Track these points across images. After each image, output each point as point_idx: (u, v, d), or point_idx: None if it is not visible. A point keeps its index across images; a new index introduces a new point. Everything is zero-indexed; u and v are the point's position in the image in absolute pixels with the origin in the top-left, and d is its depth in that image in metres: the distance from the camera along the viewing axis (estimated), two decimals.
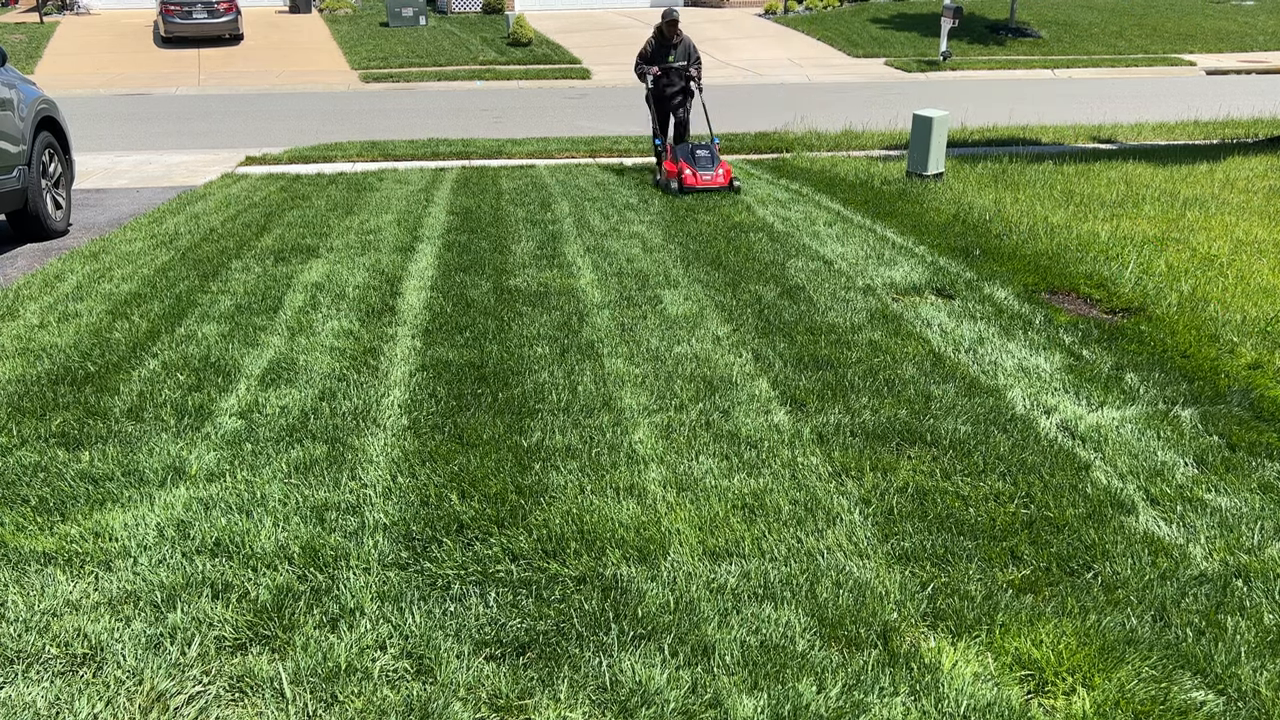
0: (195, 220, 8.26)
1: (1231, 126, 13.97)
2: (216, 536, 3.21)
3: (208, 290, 6.10)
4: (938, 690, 2.52)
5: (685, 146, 9.58)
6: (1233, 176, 9.54)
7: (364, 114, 16.98)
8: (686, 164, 9.24)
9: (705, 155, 9.39)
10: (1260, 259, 6.55)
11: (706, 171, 9.21)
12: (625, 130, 14.43)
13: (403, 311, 5.65)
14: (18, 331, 5.35)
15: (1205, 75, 22.64)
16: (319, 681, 2.55)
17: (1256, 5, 31.25)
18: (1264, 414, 4.21)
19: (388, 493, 3.52)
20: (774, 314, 5.56)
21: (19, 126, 7.42)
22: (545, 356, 4.89)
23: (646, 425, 4.09)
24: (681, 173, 9.18)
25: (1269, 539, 3.25)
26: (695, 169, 9.20)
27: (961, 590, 2.94)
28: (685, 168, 9.20)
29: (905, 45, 25.26)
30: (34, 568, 3.05)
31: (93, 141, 13.18)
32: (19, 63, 21.54)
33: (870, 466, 3.71)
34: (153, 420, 4.15)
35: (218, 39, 25.42)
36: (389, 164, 11.50)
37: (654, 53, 9.70)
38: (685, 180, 9.11)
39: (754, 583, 2.98)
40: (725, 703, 2.48)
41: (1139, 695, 2.50)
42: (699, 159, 9.34)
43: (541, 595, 2.91)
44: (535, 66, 22.85)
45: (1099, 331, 5.28)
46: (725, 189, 9.20)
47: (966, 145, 12.29)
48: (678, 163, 9.35)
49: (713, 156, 9.38)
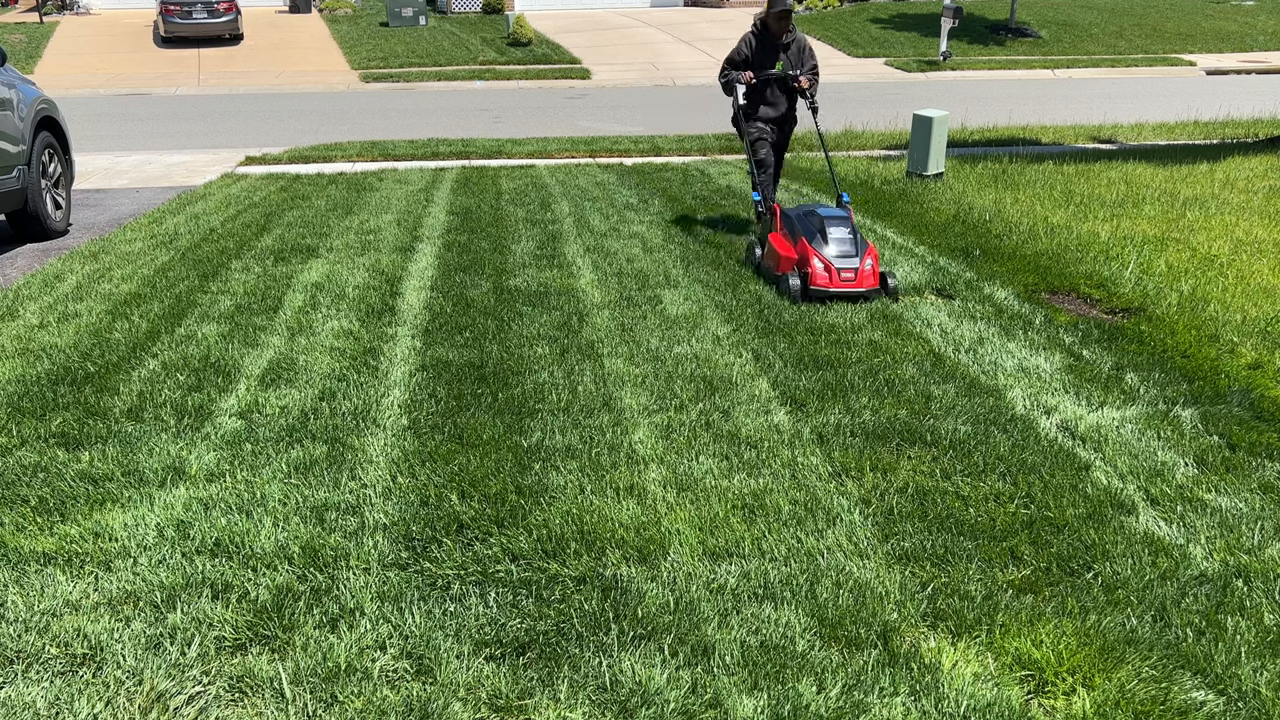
0: (195, 220, 8.26)
1: (1231, 126, 13.97)
2: (216, 537, 3.21)
3: (207, 290, 6.10)
4: (938, 690, 2.52)
5: (806, 213, 6.14)
6: (1233, 176, 9.54)
7: (364, 114, 16.98)
8: (814, 249, 5.78)
9: (843, 232, 5.87)
10: (1260, 259, 6.55)
11: (848, 261, 5.74)
12: (625, 130, 14.44)
13: (402, 311, 5.65)
14: (17, 331, 5.35)
15: (1205, 75, 22.64)
16: (319, 681, 2.55)
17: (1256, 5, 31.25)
18: (1264, 414, 4.21)
19: (388, 493, 3.52)
20: (774, 314, 5.56)
21: (19, 126, 7.42)
22: (545, 356, 4.89)
23: (646, 425, 4.09)
24: (807, 262, 5.75)
25: (1269, 539, 3.25)
26: (829, 259, 5.75)
27: (961, 590, 2.94)
28: (813, 255, 5.74)
29: (905, 45, 25.26)
30: (34, 568, 3.05)
31: (93, 141, 13.18)
32: (19, 63, 21.54)
33: (870, 466, 3.71)
34: (153, 420, 4.15)
35: (217, 39, 25.43)
36: (389, 164, 11.50)
37: (753, 56, 7.02)
38: (815, 278, 5.70)
39: (754, 583, 2.98)
40: (725, 703, 2.48)
41: (1139, 695, 2.50)
42: (833, 238, 5.84)
43: (541, 595, 2.91)
44: (535, 66, 22.85)
45: (1099, 331, 5.28)
46: (876, 292, 5.79)
47: (966, 145, 12.29)
48: (796, 241, 5.96)
49: (854, 233, 5.91)
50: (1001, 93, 19.15)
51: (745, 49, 7.02)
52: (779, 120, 7.23)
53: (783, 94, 7.10)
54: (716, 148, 12.38)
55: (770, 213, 6.45)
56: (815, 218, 5.99)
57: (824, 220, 5.93)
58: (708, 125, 14.51)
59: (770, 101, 7.11)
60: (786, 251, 5.95)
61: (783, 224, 6.22)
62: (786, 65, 6.99)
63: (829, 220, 5.93)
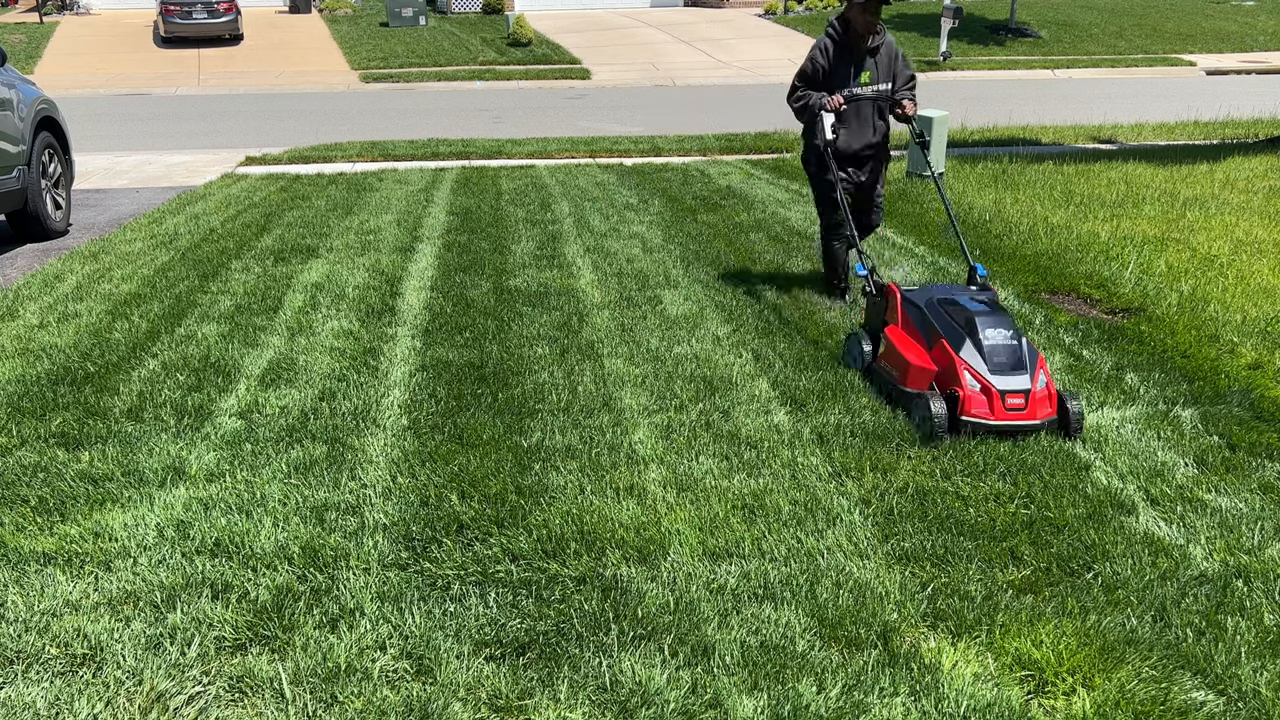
0: (195, 220, 8.26)
1: (1231, 126, 13.96)
2: (216, 537, 3.21)
3: (207, 290, 6.10)
4: (938, 691, 2.52)
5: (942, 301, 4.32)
6: (1233, 176, 9.53)
7: (364, 114, 16.97)
8: (963, 360, 4.03)
9: (1003, 334, 4.08)
10: (1260, 259, 6.55)
11: (1014, 380, 3.97)
12: (625, 130, 14.44)
13: (402, 312, 5.65)
14: (17, 332, 5.34)
15: (1205, 75, 22.64)
16: (319, 682, 2.55)
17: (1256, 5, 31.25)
18: (1264, 414, 4.21)
19: (387, 493, 3.52)
20: (774, 314, 5.56)
21: (19, 127, 7.42)
22: (545, 357, 4.89)
23: (646, 425, 4.09)
24: (955, 379, 4.02)
25: (1269, 539, 3.25)
26: (986, 377, 3.98)
27: (961, 590, 2.94)
28: (964, 370, 4.00)
29: (905, 45, 25.25)
30: (34, 568, 3.05)
31: (93, 141, 13.18)
32: (19, 63, 21.53)
33: (870, 466, 3.71)
34: (152, 420, 4.15)
35: (218, 39, 25.43)
36: (389, 164, 11.50)
37: (831, 67, 5.30)
38: (969, 405, 3.95)
39: (754, 583, 2.98)
40: (725, 703, 2.48)
41: (1139, 695, 2.50)
42: (990, 342, 4.05)
43: (541, 595, 2.91)
44: (535, 66, 22.85)
45: (1099, 332, 5.27)
46: (1053, 423, 3.99)
47: (966, 145, 12.29)
48: (932, 344, 4.20)
49: (1016, 335, 4.11)
50: (1001, 93, 19.15)
51: (821, 58, 5.31)
52: (867, 156, 5.46)
53: (873, 118, 5.41)
54: (716, 148, 12.38)
55: (884, 294, 4.58)
56: (957, 309, 4.19)
57: (973, 315, 4.11)
58: (708, 125, 14.52)
59: (855, 129, 5.36)
60: (918, 358, 4.13)
61: (906, 313, 4.36)
62: (875, 77, 5.33)
63: (980, 315, 4.11)
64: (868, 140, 5.44)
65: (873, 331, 4.70)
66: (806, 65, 5.38)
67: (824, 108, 5.25)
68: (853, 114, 5.36)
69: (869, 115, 5.40)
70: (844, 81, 5.31)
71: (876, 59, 5.35)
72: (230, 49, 24.91)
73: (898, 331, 4.39)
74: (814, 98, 5.31)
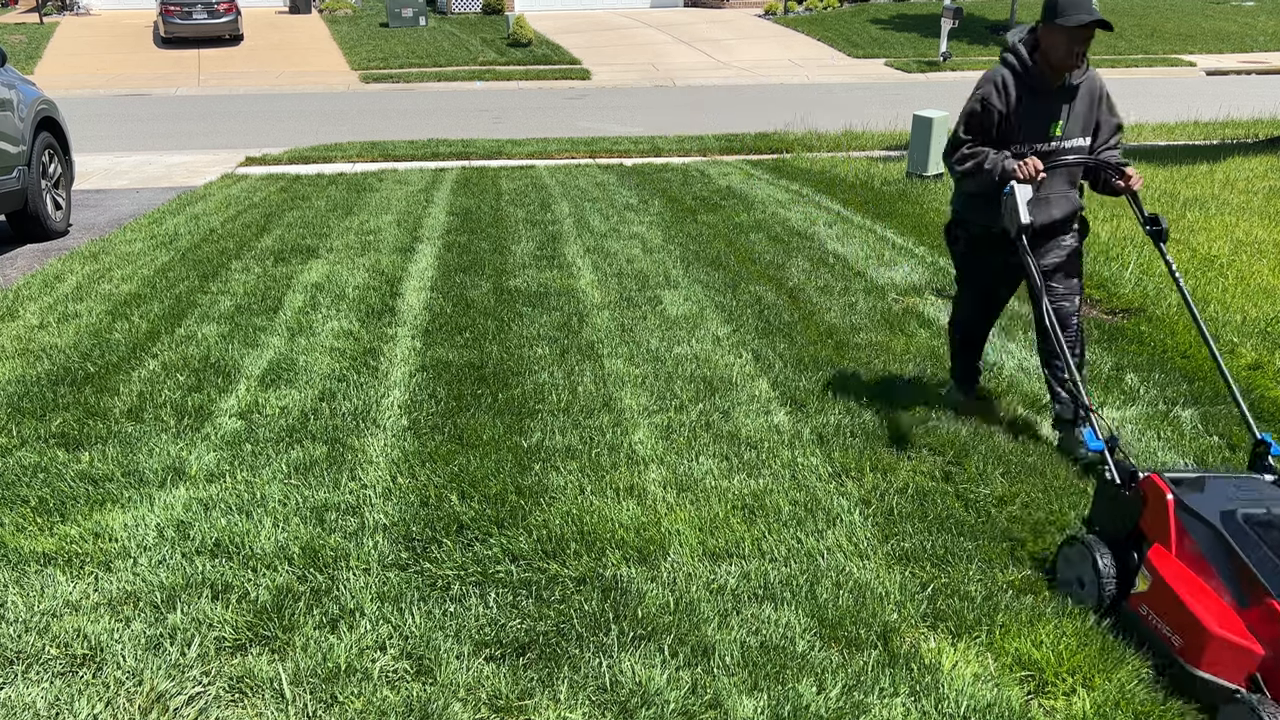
0: (195, 221, 8.26)
1: (1231, 127, 13.96)
2: (216, 537, 3.21)
3: (207, 291, 6.10)
4: (938, 691, 2.52)
5: (1256, 523, 2.54)
6: (1233, 177, 9.54)
7: (364, 114, 16.97)
8: None
9: None
10: (1260, 259, 6.55)
11: None
12: (625, 131, 14.43)
13: (402, 312, 5.65)
14: (17, 332, 5.34)
15: (1205, 76, 22.64)
16: (319, 682, 2.55)
17: (1256, 5, 31.25)
18: (1264, 414, 4.21)
19: (387, 493, 3.52)
20: (774, 314, 5.56)
21: (19, 127, 7.42)
22: (545, 357, 4.89)
23: (646, 426, 4.09)
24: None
25: None
26: None
27: (961, 591, 2.94)
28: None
29: (905, 46, 25.26)
30: (34, 568, 3.05)
31: (93, 142, 13.18)
32: (19, 63, 21.53)
33: (870, 467, 3.71)
34: (152, 421, 4.15)
35: (218, 39, 25.42)
36: (389, 164, 11.50)
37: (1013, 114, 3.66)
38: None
39: (754, 583, 2.98)
40: (725, 703, 2.48)
41: (1139, 695, 2.50)
42: None
43: (541, 596, 2.91)
44: (535, 67, 22.85)
45: (1099, 332, 5.27)
46: None
47: None
48: (1249, 599, 2.45)
49: None
50: None
51: (997, 100, 3.66)
52: (1056, 227, 3.80)
53: (1065, 184, 3.78)
54: (716, 148, 12.39)
55: (1138, 492, 2.84)
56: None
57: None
58: (708, 126, 14.52)
59: (1045, 197, 3.70)
60: (1221, 622, 2.46)
61: (1190, 534, 2.68)
62: (1072, 127, 3.71)
63: None
64: (1063, 215, 3.79)
65: (1111, 539, 2.89)
66: (972, 109, 3.72)
67: (1015, 177, 3.54)
68: (1052, 182, 3.71)
69: (1059, 184, 3.76)
70: (1035, 135, 3.68)
71: (1073, 105, 3.69)
72: (230, 49, 24.91)
73: (1171, 563, 2.65)
74: (992, 158, 3.64)
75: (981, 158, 3.68)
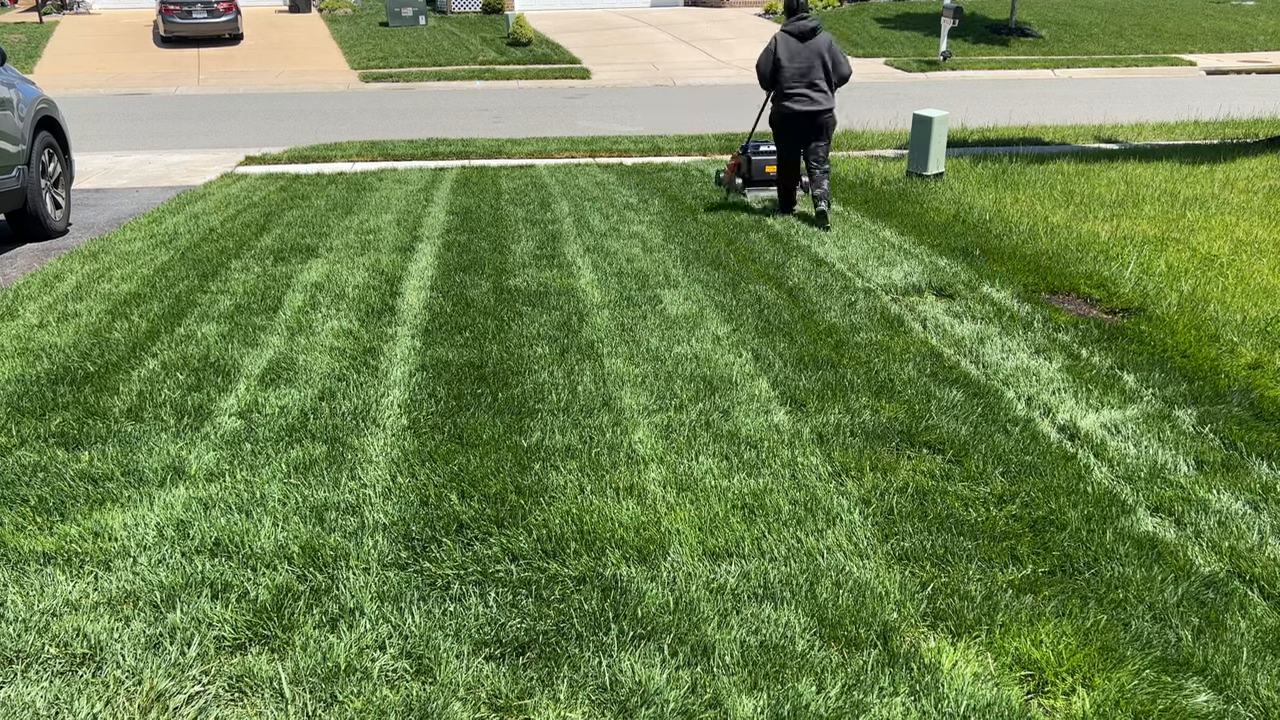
0: (195, 220, 8.25)
1: (1231, 126, 13.96)
2: (216, 536, 3.21)
3: (207, 290, 6.10)
4: (938, 690, 2.52)
5: None
6: (1233, 176, 9.54)
7: (364, 114, 16.97)
8: None
9: None
10: (1260, 259, 6.55)
11: None
12: (625, 130, 14.43)
13: (402, 311, 5.65)
14: (17, 331, 5.34)
15: (1205, 75, 22.63)
16: (318, 681, 2.55)
17: (1256, 5, 31.25)
18: (1264, 414, 4.21)
19: (387, 493, 3.52)
20: (774, 314, 5.56)
21: (18, 126, 7.42)
22: (545, 356, 4.89)
23: (646, 425, 4.09)
24: None
25: (1269, 539, 3.25)
26: None
27: (961, 590, 2.94)
28: None
29: (905, 45, 25.25)
30: (33, 568, 3.05)
31: (92, 141, 13.17)
32: (19, 63, 21.53)
33: (870, 466, 3.71)
34: (152, 420, 4.15)
35: (217, 39, 25.41)
36: (388, 164, 11.50)
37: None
38: None
39: (754, 583, 2.98)
40: (725, 703, 2.48)
41: (1139, 695, 2.50)
42: None
43: (541, 595, 2.91)
44: (535, 66, 22.84)
45: (1099, 332, 5.27)
46: None
47: (966, 145, 12.29)
48: None
49: None
50: (1002, 93, 19.13)
51: None
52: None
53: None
54: (716, 148, 12.38)
55: None
56: None
57: None
58: (708, 125, 14.51)
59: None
60: None
61: None
62: None
63: None
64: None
65: None
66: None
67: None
68: None
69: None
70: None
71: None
72: (230, 49, 24.90)
73: None
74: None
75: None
